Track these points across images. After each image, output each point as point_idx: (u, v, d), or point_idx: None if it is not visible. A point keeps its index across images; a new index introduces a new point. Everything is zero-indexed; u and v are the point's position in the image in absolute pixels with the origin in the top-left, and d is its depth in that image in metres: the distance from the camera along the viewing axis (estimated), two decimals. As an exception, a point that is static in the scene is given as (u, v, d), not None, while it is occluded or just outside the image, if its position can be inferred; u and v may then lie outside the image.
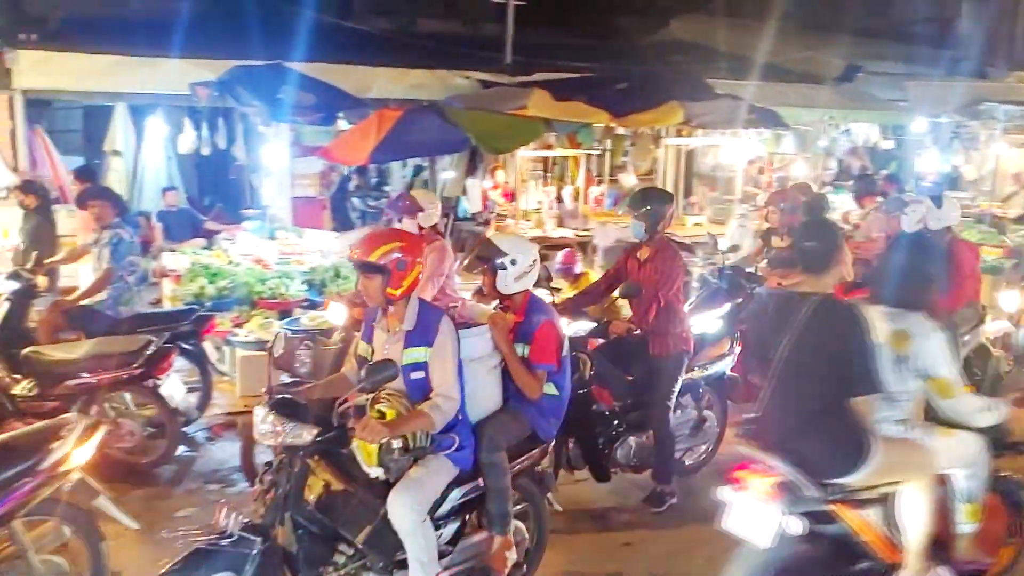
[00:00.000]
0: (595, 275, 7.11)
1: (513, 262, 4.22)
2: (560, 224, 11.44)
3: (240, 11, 10.12)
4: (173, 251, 8.77)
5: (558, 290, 5.92)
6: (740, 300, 6.61)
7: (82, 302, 6.28)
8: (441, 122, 8.37)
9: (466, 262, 7.68)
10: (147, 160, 11.84)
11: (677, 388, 5.36)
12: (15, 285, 5.96)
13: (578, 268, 7.16)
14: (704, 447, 5.89)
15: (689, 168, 13.64)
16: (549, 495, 4.47)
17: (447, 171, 10.91)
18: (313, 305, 7.31)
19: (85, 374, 5.42)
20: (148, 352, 5.58)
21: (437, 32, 12.31)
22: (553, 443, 4.47)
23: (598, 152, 12.34)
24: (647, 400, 5.35)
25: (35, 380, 5.49)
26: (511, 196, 11.94)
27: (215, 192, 13.44)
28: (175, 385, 6.08)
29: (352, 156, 8.77)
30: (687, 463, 5.79)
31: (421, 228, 5.81)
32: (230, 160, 11.87)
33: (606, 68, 11.16)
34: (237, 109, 10.05)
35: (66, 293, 7.12)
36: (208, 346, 6.88)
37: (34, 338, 5.98)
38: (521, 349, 4.16)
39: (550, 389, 4.23)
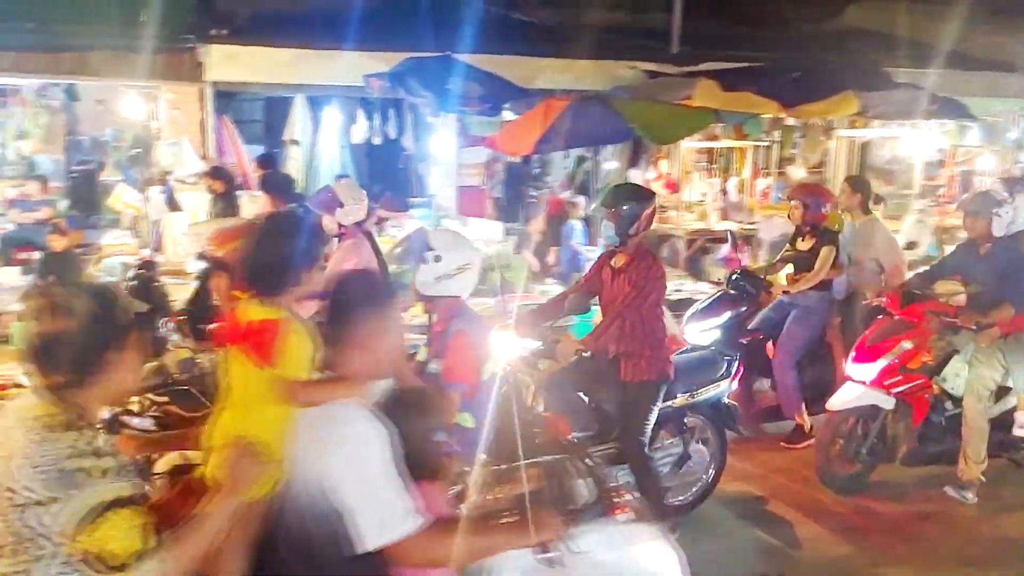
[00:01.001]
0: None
1: (437, 259, 3.72)
2: (724, 217, 11.21)
3: (412, 4, 10.40)
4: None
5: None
6: (744, 308, 6.31)
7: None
8: (606, 112, 8.33)
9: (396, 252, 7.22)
10: (322, 149, 12.39)
11: (651, 419, 4.80)
12: (204, 265, 6.38)
13: (742, 263, 6.99)
14: (694, 487, 5.37)
15: (863, 161, 13.05)
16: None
17: (610, 161, 10.87)
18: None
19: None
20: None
21: (603, 22, 12.25)
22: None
23: (766, 144, 12.00)
24: (616, 432, 4.85)
25: (220, 354, 5.81)
26: (674, 187, 11.79)
27: (384, 181, 13.92)
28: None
29: (517, 146, 8.86)
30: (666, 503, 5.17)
31: (341, 226, 5.48)
32: (399, 150, 12.25)
33: (776, 58, 10.82)
34: (407, 100, 10.34)
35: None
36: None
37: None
38: (436, 365, 3.66)
39: (464, 419, 3.63)
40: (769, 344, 6.70)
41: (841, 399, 5.76)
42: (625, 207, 4.73)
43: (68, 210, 10.92)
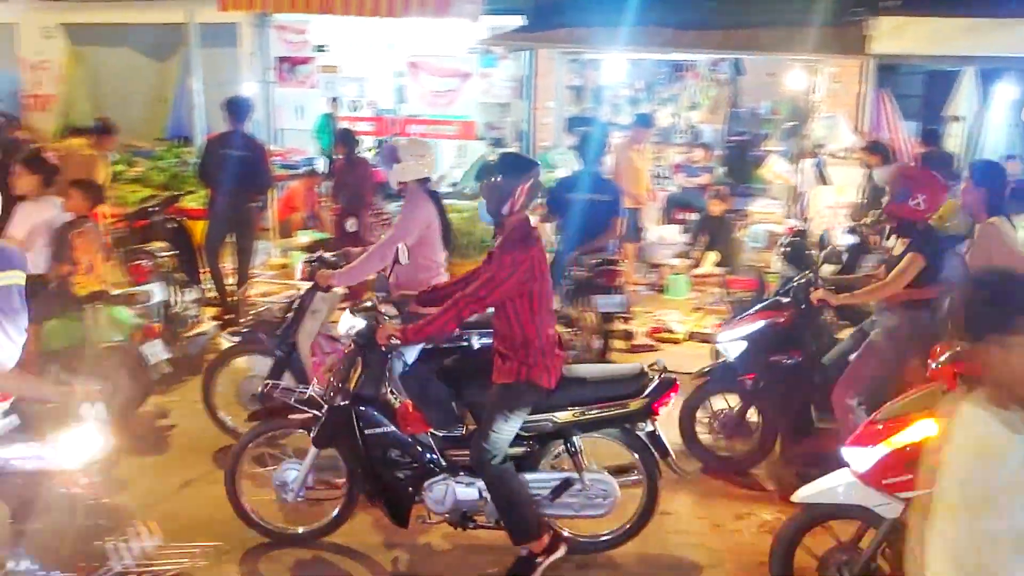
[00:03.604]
0: None
1: None
2: None
3: None
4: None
5: None
6: (783, 318, 5.18)
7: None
8: None
9: None
10: (989, 126, 11.40)
11: (504, 427, 4.09)
12: (852, 239, 6.42)
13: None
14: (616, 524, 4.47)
15: None
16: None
17: None
18: None
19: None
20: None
21: None
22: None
23: None
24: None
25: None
26: None
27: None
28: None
29: None
30: (581, 539, 4.48)
31: (401, 183, 5.48)
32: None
33: None
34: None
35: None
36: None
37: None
38: None
39: None
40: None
41: (816, 488, 3.80)
42: (494, 180, 4.06)
43: (724, 177, 11.77)
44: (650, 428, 4.34)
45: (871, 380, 4.90)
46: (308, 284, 5.34)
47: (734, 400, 5.47)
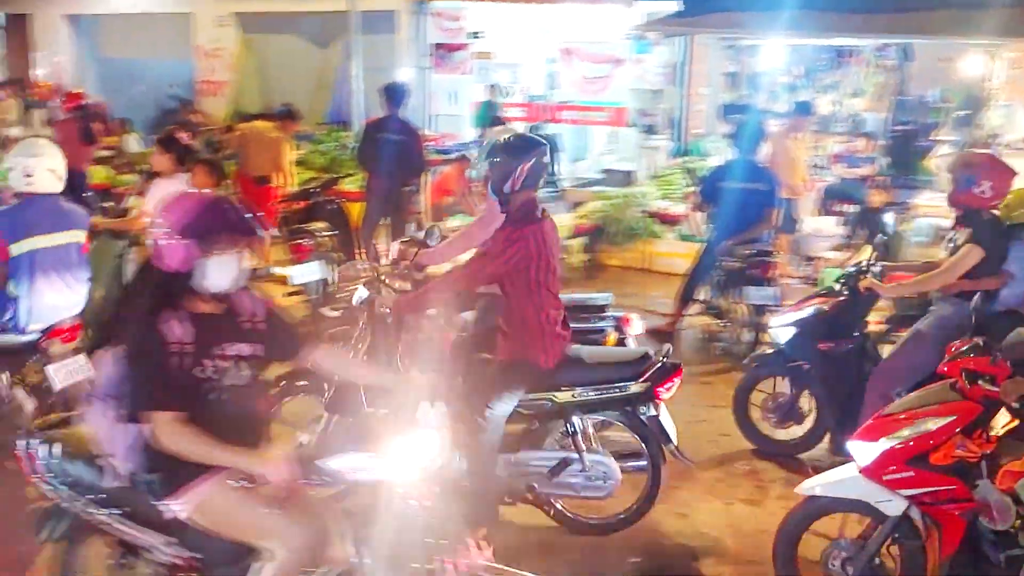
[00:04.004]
0: None
1: None
2: None
3: None
4: None
5: None
6: (841, 302, 5.08)
7: None
8: None
9: None
10: None
11: (497, 405, 4.13)
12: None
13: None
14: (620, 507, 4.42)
15: None
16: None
17: None
18: None
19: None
20: None
21: None
22: None
23: None
24: None
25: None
26: None
27: None
28: None
29: None
30: (584, 519, 4.47)
31: None
32: None
33: None
34: None
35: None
36: None
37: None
38: None
39: None
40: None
41: (821, 480, 3.77)
42: (495, 160, 4.08)
43: (887, 168, 11.25)
44: (652, 412, 4.29)
45: (913, 371, 4.61)
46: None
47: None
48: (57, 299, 4.97)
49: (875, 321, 5.60)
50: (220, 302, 2.95)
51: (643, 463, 4.37)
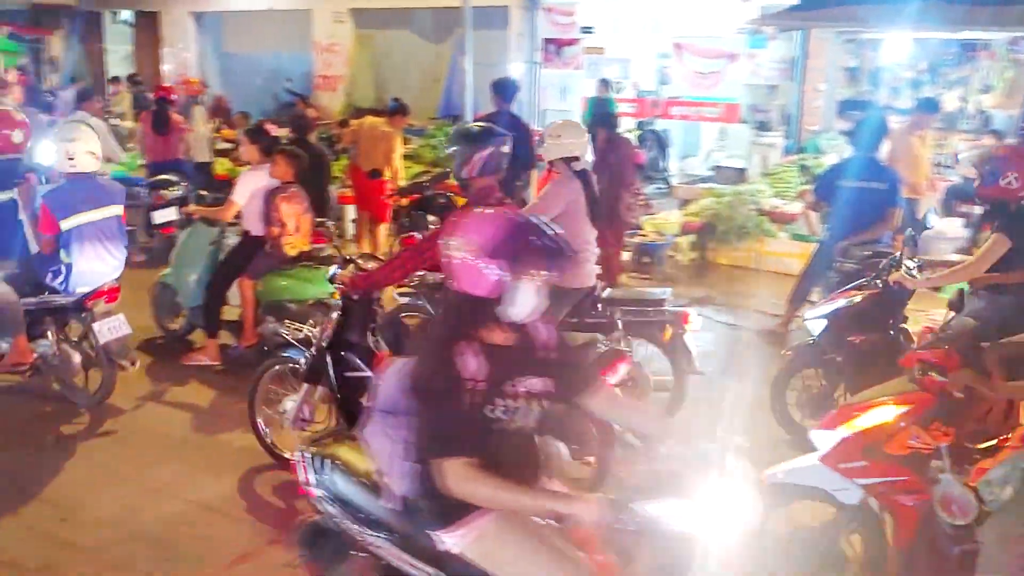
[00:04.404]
0: None
1: None
2: None
3: None
4: None
5: None
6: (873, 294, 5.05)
7: None
8: None
9: None
10: None
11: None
12: None
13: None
14: None
15: None
16: None
17: None
18: None
19: None
20: None
21: None
22: None
23: None
24: None
25: None
26: None
27: None
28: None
29: None
30: None
31: (550, 163, 5.79)
32: None
33: None
34: None
35: None
36: None
37: None
38: None
39: None
40: None
41: (784, 468, 3.73)
42: (455, 147, 4.40)
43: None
44: None
45: None
46: None
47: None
48: (100, 265, 5.71)
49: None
50: (515, 332, 2.65)
51: None
